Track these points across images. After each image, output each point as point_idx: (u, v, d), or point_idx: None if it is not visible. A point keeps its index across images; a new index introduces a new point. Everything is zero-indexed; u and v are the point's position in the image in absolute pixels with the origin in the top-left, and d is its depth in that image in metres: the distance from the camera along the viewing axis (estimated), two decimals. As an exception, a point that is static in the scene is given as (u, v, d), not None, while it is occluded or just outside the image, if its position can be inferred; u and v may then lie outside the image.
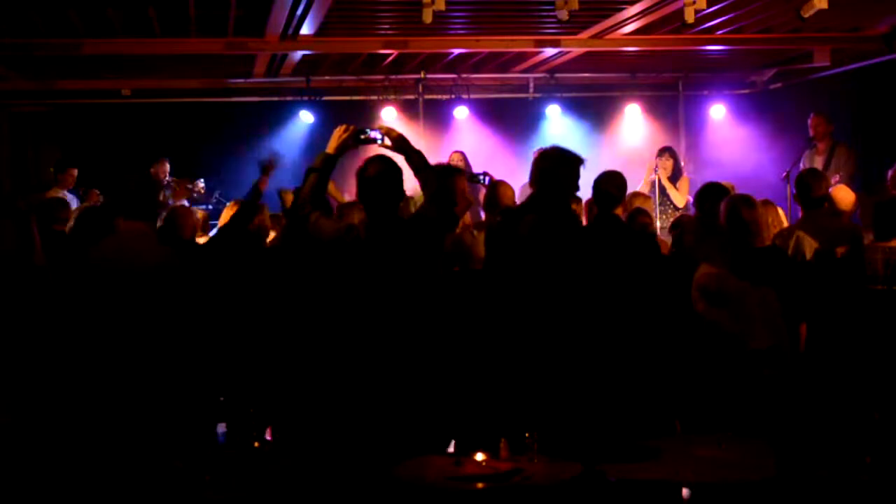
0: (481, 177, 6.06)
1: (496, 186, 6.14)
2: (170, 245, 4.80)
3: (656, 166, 9.18)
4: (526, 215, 4.57)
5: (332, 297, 4.52)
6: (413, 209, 5.19)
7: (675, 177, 9.12)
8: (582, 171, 4.60)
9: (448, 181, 4.84)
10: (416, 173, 4.51)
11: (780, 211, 6.35)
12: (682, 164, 9.58)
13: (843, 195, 6.18)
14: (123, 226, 4.62)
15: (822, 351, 4.96)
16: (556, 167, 4.56)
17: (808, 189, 5.75)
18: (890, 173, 6.99)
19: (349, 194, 6.64)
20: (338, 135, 4.55)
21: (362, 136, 4.58)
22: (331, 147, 4.54)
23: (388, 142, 4.57)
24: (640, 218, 6.17)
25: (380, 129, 4.62)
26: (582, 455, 3.70)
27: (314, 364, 4.71)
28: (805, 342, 4.95)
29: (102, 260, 4.53)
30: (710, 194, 5.60)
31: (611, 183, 5.53)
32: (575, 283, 4.40)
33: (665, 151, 9.32)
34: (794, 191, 5.86)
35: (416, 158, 4.50)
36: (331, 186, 5.04)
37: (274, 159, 5.97)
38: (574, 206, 5.64)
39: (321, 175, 4.49)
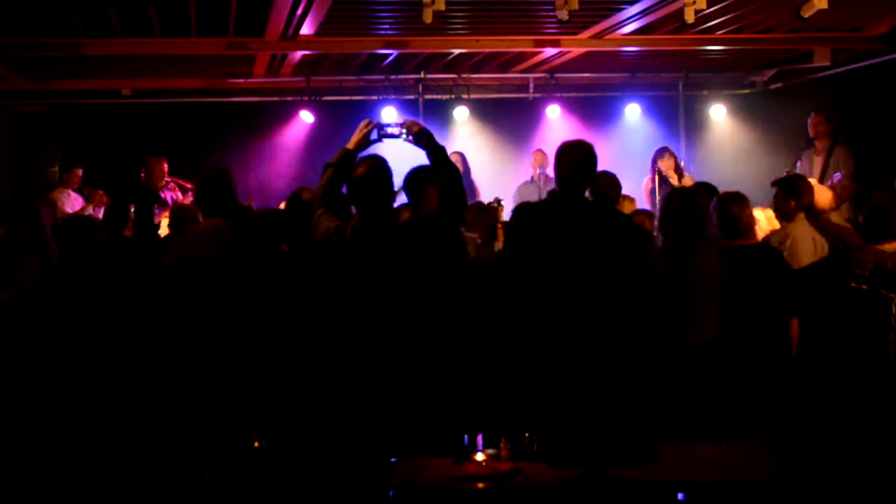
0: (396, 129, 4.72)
1: None
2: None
3: (658, 168, 9.21)
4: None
5: (322, 298, 4.51)
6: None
7: (678, 176, 9.14)
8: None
9: None
10: (435, 168, 4.46)
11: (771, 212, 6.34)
12: (682, 163, 9.61)
13: (821, 195, 6.19)
14: (202, 223, 4.67)
15: (813, 350, 4.98)
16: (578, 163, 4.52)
17: (802, 195, 5.76)
18: None
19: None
20: (360, 130, 4.52)
21: (383, 132, 4.54)
22: (351, 143, 4.50)
23: (411, 137, 4.51)
24: (637, 218, 6.17)
25: (401, 124, 4.57)
26: (582, 457, 3.70)
27: (309, 366, 4.70)
28: (797, 340, 4.98)
29: (177, 257, 4.56)
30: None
31: (606, 183, 5.56)
32: (585, 278, 4.37)
33: (665, 151, 9.36)
34: (786, 195, 5.81)
35: (436, 154, 4.44)
36: None
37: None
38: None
39: (338, 170, 4.44)
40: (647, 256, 4.63)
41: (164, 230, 6.91)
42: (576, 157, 4.45)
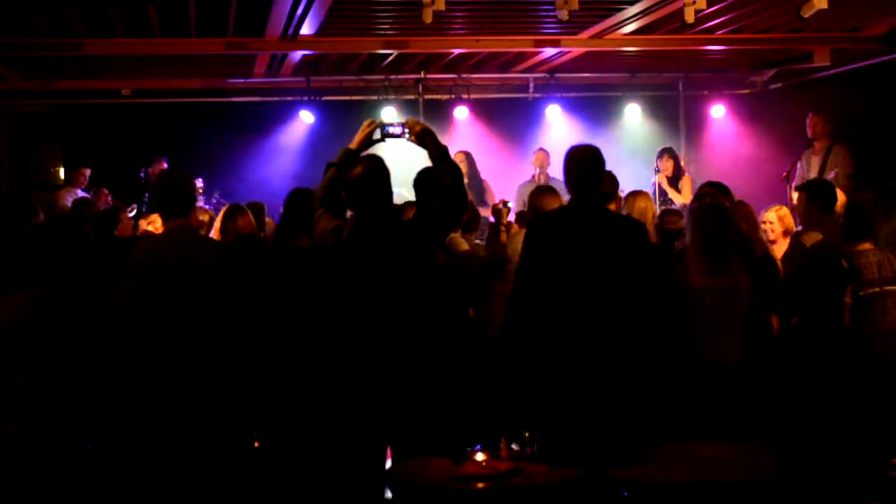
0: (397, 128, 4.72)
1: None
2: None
3: (657, 168, 9.20)
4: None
5: (319, 299, 4.50)
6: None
7: (676, 177, 9.13)
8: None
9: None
10: (437, 168, 4.44)
11: (786, 210, 6.33)
12: (683, 163, 9.59)
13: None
14: (167, 224, 4.67)
15: (806, 350, 5.01)
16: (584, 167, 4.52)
17: (833, 199, 5.76)
18: None
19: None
20: (362, 129, 4.50)
21: (385, 132, 4.52)
22: (354, 143, 4.49)
23: (413, 137, 4.49)
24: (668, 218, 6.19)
25: (403, 123, 4.54)
26: (582, 457, 3.70)
27: (308, 366, 4.70)
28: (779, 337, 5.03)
29: (148, 258, 4.55)
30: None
31: (605, 179, 5.57)
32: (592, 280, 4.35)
33: (665, 152, 9.34)
34: (812, 198, 5.79)
35: (437, 153, 4.41)
36: None
37: None
38: None
39: (340, 170, 4.41)
40: (647, 250, 4.59)
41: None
42: (584, 161, 4.47)
